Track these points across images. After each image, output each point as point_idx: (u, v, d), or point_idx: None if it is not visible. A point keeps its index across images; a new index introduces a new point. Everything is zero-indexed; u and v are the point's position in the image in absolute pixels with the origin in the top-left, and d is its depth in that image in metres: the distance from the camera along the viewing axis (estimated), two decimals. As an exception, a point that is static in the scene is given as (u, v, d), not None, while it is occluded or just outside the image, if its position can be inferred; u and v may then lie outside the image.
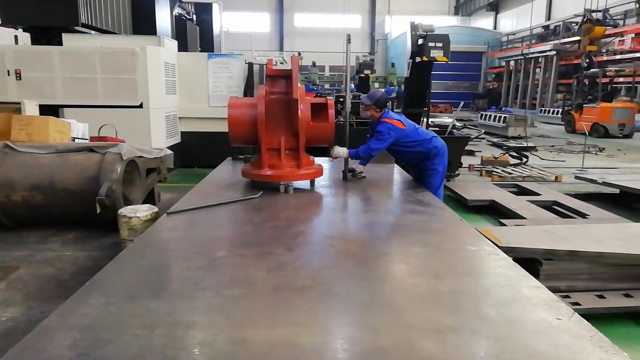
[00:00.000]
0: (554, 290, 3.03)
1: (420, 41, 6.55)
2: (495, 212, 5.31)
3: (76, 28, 7.01)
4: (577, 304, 2.87)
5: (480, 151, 10.28)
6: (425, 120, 7.52)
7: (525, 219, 4.60)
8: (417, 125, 4.36)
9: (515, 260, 3.35)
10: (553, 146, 11.74)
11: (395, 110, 11.35)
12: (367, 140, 4.38)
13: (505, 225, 4.34)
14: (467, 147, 10.88)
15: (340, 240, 2.58)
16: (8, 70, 6.51)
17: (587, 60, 16.49)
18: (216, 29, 14.88)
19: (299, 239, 2.58)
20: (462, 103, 8.64)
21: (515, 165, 8.41)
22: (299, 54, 30.51)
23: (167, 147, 7.12)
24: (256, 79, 7.76)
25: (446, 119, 18.32)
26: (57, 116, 6.40)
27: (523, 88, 24.30)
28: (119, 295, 1.83)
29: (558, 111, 18.31)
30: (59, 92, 6.65)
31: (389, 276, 2.15)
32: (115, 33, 8.13)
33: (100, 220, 4.20)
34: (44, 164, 4.29)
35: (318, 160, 4.10)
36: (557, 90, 21.83)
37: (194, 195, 3.62)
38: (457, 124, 17.54)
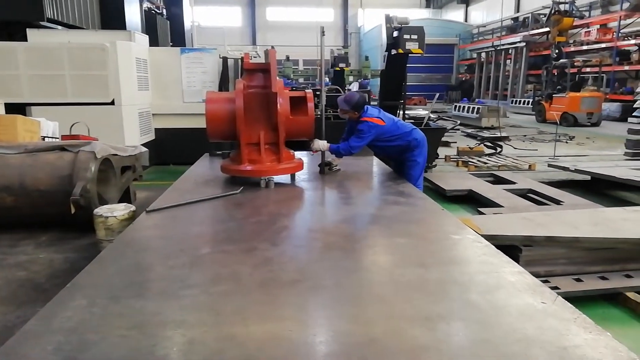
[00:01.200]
0: (533, 275, 3.11)
1: (395, 34, 6.58)
2: (474, 201, 5.40)
3: (41, 23, 6.75)
4: (556, 287, 2.94)
5: (456, 142, 10.43)
6: (401, 112, 7.57)
7: (503, 207, 4.69)
8: (396, 119, 4.37)
9: (496, 247, 3.44)
10: (525, 135, 12.01)
11: (372, 104, 11.40)
12: (343, 134, 4.39)
13: (484, 214, 4.42)
14: (443, 139, 11.05)
15: (324, 233, 2.58)
16: (-29, 68, 6.25)
17: (557, 51, 16.89)
18: (187, 24, 14.61)
19: (283, 234, 2.56)
20: (438, 95, 8.74)
21: (490, 155, 8.57)
22: (272, 47, 30.24)
23: (142, 145, 6.97)
24: (231, 73, 7.66)
25: (421, 112, 18.51)
26: (24, 115, 6.18)
27: (494, 79, 24.76)
28: (103, 296, 1.78)
29: (529, 101, 18.73)
30: (25, 90, 6.42)
31: (375, 267, 2.16)
32: (83, 28, 7.89)
33: (75, 221, 4.08)
34: (13, 165, 4.12)
35: (298, 154, 4.07)
36: (527, 81, 22.32)
37: (173, 193, 3.55)
38: (432, 115, 17.78)
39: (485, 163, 7.60)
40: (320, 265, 2.13)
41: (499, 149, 8.95)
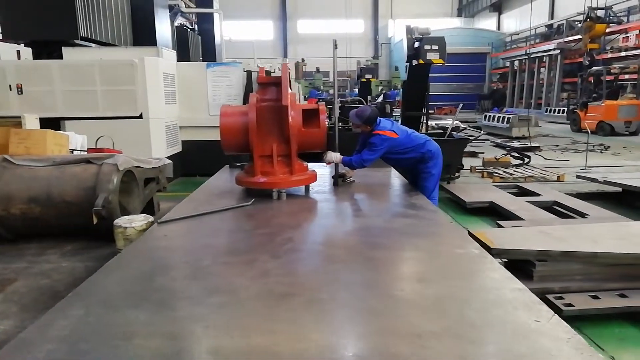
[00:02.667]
0: (547, 291, 3.02)
1: (416, 44, 6.55)
2: (495, 213, 5.27)
3: (75, 41, 7.09)
4: (570, 305, 2.83)
5: (484, 152, 10.22)
6: (424, 123, 7.51)
7: (524, 220, 4.56)
8: (409, 131, 4.33)
9: (510, 262, 3.35)
10: (557, 145, 11.64)
11: (393, 114, 11.32)
12: (357, 146, 4.39)
13: (502, 226, 4.31)
14: (471, 149, 10.86)
15: (328, 246, 2.58)
16: (10, 85, 6.61)
17: (589, 59, 16.35)
18: (218, 38, 14.99)
19: (286, 246, 2.58)
20: (461, 105, 8.60)
21: (517, 166, 8.35)
22: (303, 60, 30.74)
23: (168, 157, 7.17)
24: (255, 86, 7.80)
25: (449, 121, 18.29)
26: (58, 129, 6.49)
27: (528, 88, 24.16)
28: (100, 306, 1.84)
29: (563, 110, 18.16)
30: (59, 105, 6.74)
31: (374, 281, 2.14)
32: (116, 45, 8.22)
33: (98, 231, 4.24)
34: (41, 177, 4.33)
35: (315, 165, 4.10)
36: (562, 89, 21.67)
37: (188, 204, 3.64)
38: (462, 125, 17.52)
39: (512, 174, 7.41)
40: (318, 278, 2.14)
41: (526, 160, 8.71)
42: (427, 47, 6.19)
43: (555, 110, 19.45)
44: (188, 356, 1.50)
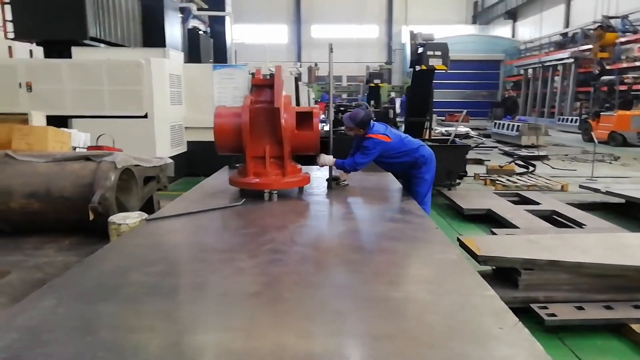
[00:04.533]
0: (532, 300, 2.99)
1: (420, 50, 6.56)
2: (492, 221, 5.23)
3: (85, 41, 7.23)
4: (553, 315, 2.80)
5: (489, 160, 10.14)
6: (428, 128, 7.49)
7: (518, 228, 4.52)
8: (403, 136, 4.34)
9: (498, 270, 3.33)
10: (567, 155, 11.50)
11: (397, 120, 11.28)
12: (349, 151, 4.41)
13: (496, 234, 4.28)
14: (478, 156, 10.79)
15: (307, 247, 2.59)
16: (20, 83, 6.77)
17: (599, 67, 16.14)
18: (229, 41, 15.14)
19: (267, 246, 2.60)
20: (465, 112, 8.56)
21: (521, 174, 8.27)
22: (316, 64, 30.87)
23: (173, 156, 7.26)
24: (260, 89, 7.86)
25: (461, 128, 18.19)
26: (66, 126, 6.61)
27: (541, 96, 23.92)
28: (72, 299, 1.88)
29: (576, 119, 17.94)
30: (67, 103, 6.87)
31: (344, 283, 2.15)
32: (125, 46, 8.37)
33: (95, 227, 4.31)
34: (41, 172, 4.42)
35: (312, 168, 4.11)
36: (576, 98, 21.41)
37: (180, 203, 3.69)
38: (472, 133, 17.40)
39: (514, 182, 7.34)
40: (289, 278, 2.15)
41: (531, 168, 8.62)
42: (429, 52, 6.18)
43: (568, 119, 19.23)
44: (144, 350, 1.52)
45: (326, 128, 8.35)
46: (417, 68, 6.55)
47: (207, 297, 1.92)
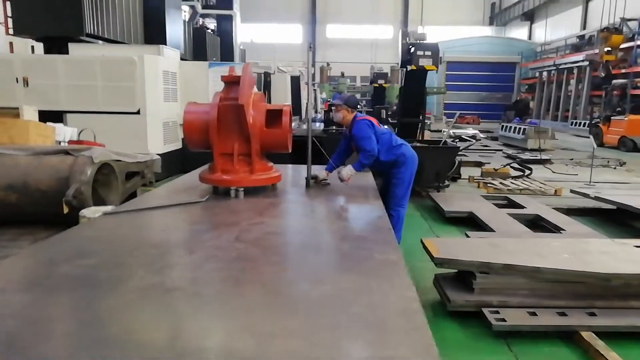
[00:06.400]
0: (485, 305, 2.93)
1: (412, 49, 6.49)
2: (474, 224, 5.14)
3: (82, 38, 7.35)
4: (502, 320, 2.74)
5: (489, 163, 9.99)
6: (420, 130, 7.42)
7: (494, 231, 4.43)
8: (391, 131, 4.37)
9: (460, 273, 3.27)
10: (572, 159, 11.26)
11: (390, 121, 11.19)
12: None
13: (469, 237, 4.20)
14: (479, 159, 10.64)
15: (248, 244, 2.57)
16: (17, 78, 6.91)
17: (604, 71, 15.79)
18: (236, 40, 15.23)
19: (209, 242, 2.60)
20: (458, 114, 8.44)
21: (516, 177, 8.12)
22: (328, 64, 30.77)
23: (166, 153, 7.32)
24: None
25: (469, 131, 17.98)
26: (61, 121, 6.73)
27: (555, 99, 23.49)
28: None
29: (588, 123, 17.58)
30: (62, 98, 6.99)
31: (270, 281, 2.13)
32: (125, 43, 8.48)
33: (72, 221, 4.36)
34: (20, 165, 4.50)
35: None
36: (591, 102, 20.95)
37: (146, 198, 3.71)
38: (481, 135, 17.16)
39: (507, 186, 7.21)
40: (214, 275, 2.14)
41: (527, 172, 8.46)
42: (419, 52, 6.12)
43: (580, 123, 18.84)
44: (44, 341, 1.53)
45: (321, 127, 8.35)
46: (408, 68, 6.48)
47: (124, 291, 1.92)
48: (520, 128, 13.60)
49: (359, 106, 4.36)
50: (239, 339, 1.58)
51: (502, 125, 15.48)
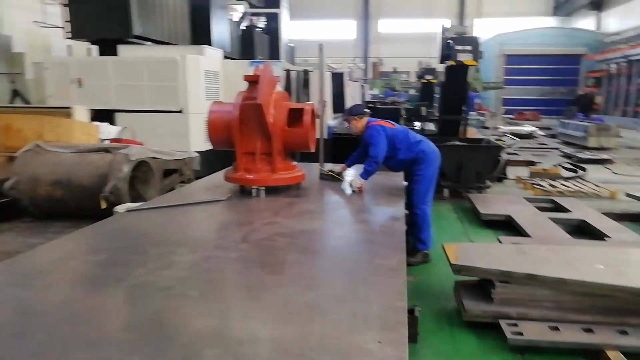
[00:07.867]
0: (502, 316, 2.76)
1: (451, 44, 6.25)
2: (513, 228, 4.87)
3: (130, 40, 7.69)
4: (519, 333, 2.56)
5: (541, 162, 9.43)
6: (463, 127, 7.13)
7: (530, 237, 4.17)
8: (407, 129, 4.23)
9: (479, 281, 3.11)
10: (637, 159, 10.40)
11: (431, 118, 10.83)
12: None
13: (501, 242, 3.98)
14: (532, 158, 10.08)
15: (251, 245, 2.56)
16: (73, 79, 7.35)
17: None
18: (285, 38, 15.37)
19: (213, 242, 2.63)
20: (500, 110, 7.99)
21: (567, 178, 7.60)
22: (380, 60, 30.38)
23: (208, 151, 7.51)
24: (294, 85, 7.93)
25: (525, 128, 17.08)
26: (111, 120, 7.10)
27: (625, 94, 21.81)
28: (12, 277, 2.03)
29: (660, 120, 16.17)
30: (112, 98, 7.35)
31: (257, 284, 2.09)
32: (172, 43, 8.78)
33: (110, 216, 4.59)
34: (65, 162, 4.78)
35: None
36: (666, 96, 19.27)
37: (171, 196, 3.82)
38: (540, 132, 16.27)
39: (556, 187, 6.77)
40: (207, 276, 2.15)
41: (579, 172, 7.90)
42: (458, 47, 5.87)
43: (651, 119, 17.37)
44: (38, 333, 1.60)
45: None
46: (447, 63, 6.24)
47: (114, 290, 1.97)
48: (580, 125, 12.75)
49: (365, 110, 4.32)
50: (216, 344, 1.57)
51: (562, 122, 14.58)
